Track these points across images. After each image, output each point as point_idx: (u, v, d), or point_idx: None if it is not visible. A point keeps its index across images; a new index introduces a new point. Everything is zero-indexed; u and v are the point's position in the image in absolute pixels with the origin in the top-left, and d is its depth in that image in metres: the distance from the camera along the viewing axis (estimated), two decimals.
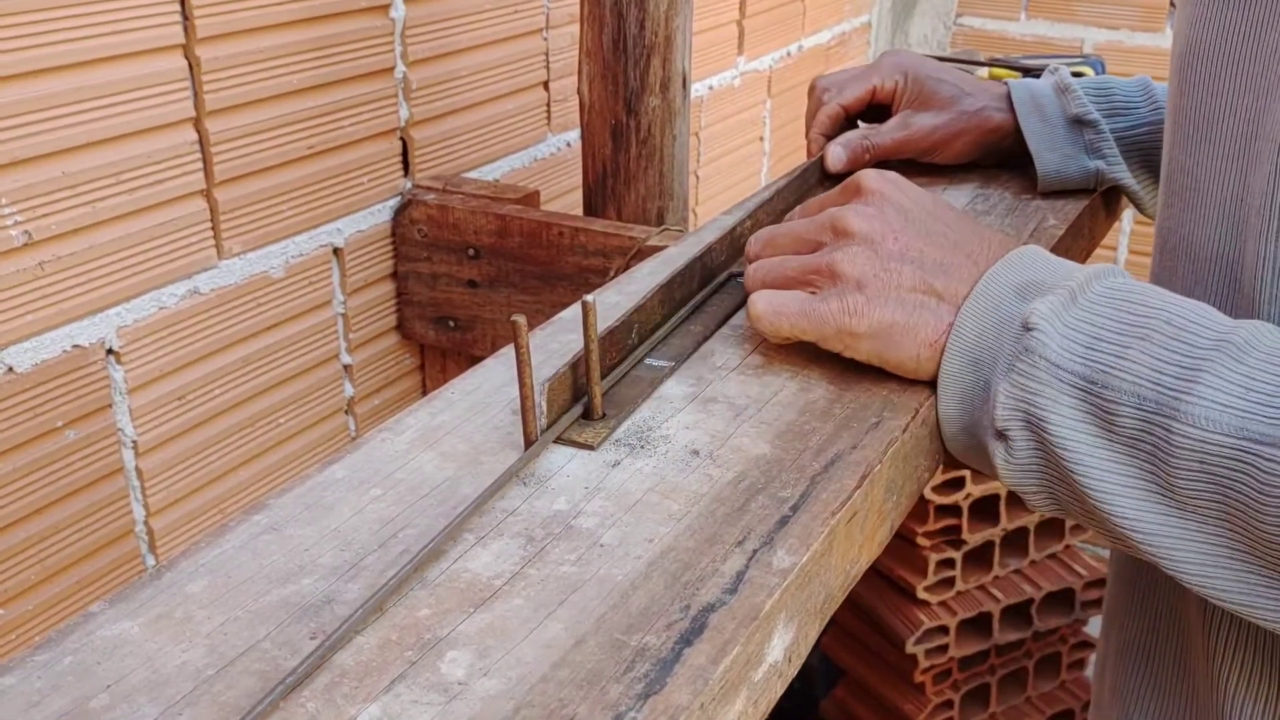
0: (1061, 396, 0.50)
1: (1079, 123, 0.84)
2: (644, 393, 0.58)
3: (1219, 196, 0.57)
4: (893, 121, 0.87)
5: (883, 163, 0.89)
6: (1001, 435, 0.52)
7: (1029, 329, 0.51)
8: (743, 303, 0.69)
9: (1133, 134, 0.85)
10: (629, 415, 0.56)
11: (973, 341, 0.54)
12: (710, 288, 0.70)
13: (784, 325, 0.58)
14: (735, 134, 1.72)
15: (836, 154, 0.86)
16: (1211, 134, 0.57)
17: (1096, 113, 0.84)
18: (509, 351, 0.63)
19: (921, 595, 1.72)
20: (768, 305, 0.58)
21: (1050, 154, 0.85)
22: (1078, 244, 0.87)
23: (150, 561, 0.91)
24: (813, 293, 0.58)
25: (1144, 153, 0.85)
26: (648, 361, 0.62)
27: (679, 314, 0.66)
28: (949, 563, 1.74)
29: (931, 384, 0.57)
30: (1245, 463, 0.45)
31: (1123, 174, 0.85)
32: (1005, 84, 0.88)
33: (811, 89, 0.90)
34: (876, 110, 0.89)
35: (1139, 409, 0.48)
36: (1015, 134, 0.86)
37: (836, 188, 0.63)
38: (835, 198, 0.62)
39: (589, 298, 0.53)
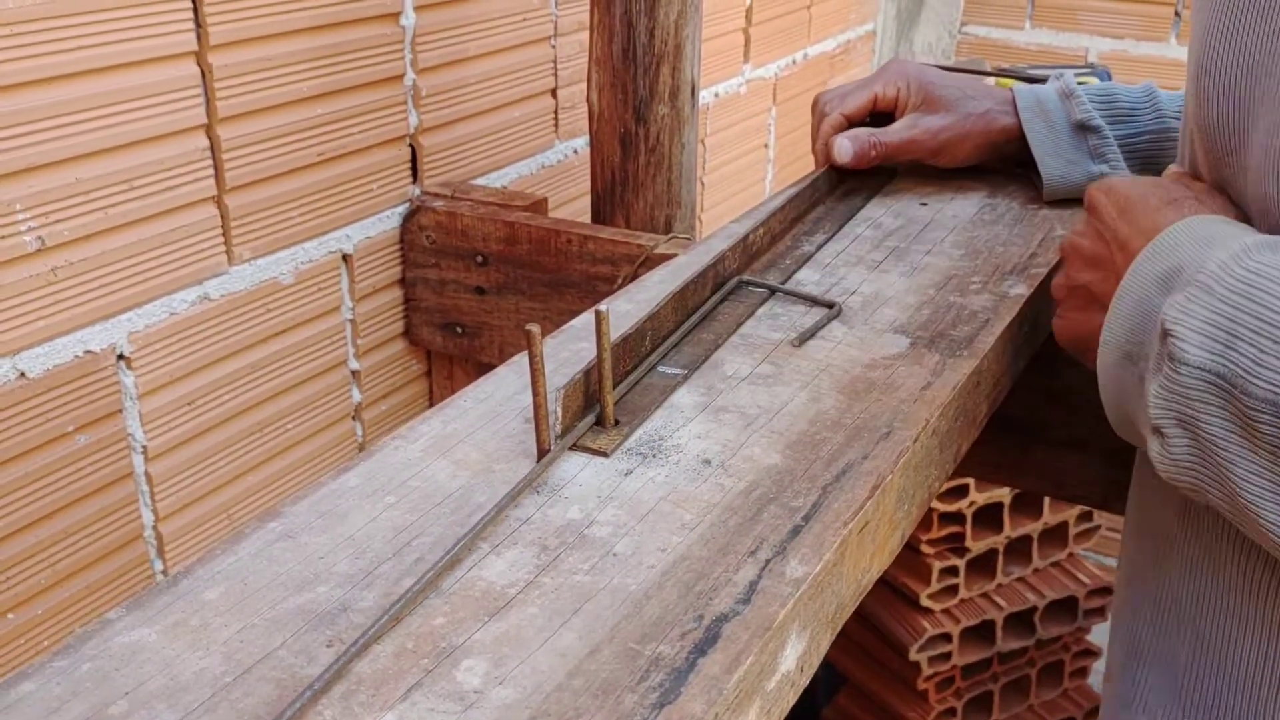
0: (1209, 398, 0.49)
1: (1083, 128, 0.85)
2: (656, 401, 0.59)
3: (1246, 206, 0.57)
4: (900, 122, 0.87)
5: (883, 169, 0.90)
6: (1157, 431, 0.52)
7: (1166, 334, 0.51)
8: (753, 311, 0.69)
9: (1136, 141, 0.86)
10: (641, 424, 0.57)
11: (1123, 337, 0.55)
12: (721, 295, 0.70)
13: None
14: (741, 141, 1.73)
15: (843, 146, 0.86)
16: (1235, 143, 0.57)
17: (1100, 119, 0.85)
18: (520, 360, 0.63)
19: (925, 602, 1.72)
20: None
21: (1054, 159, 0.85)
22: None
23: (158, 566, 0.91)
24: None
25: (1147, 159, 0.86)
26: (660, 369, 0.62)
27: (690, 321, 0.67)
28: (952, 570, 1.74)
29: None
30: None
31: (1123, 173, 0.85)
32: (1011, 89, 0.88)
33: (814, 105, 0.91)
34: (880, 119, 0.90)
35: (1276, 415, 0.47)
36: (1020, 138, 0.86)
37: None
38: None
39: (602, 307, 0.54)
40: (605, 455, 0.54)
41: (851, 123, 0.89)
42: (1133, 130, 0.86)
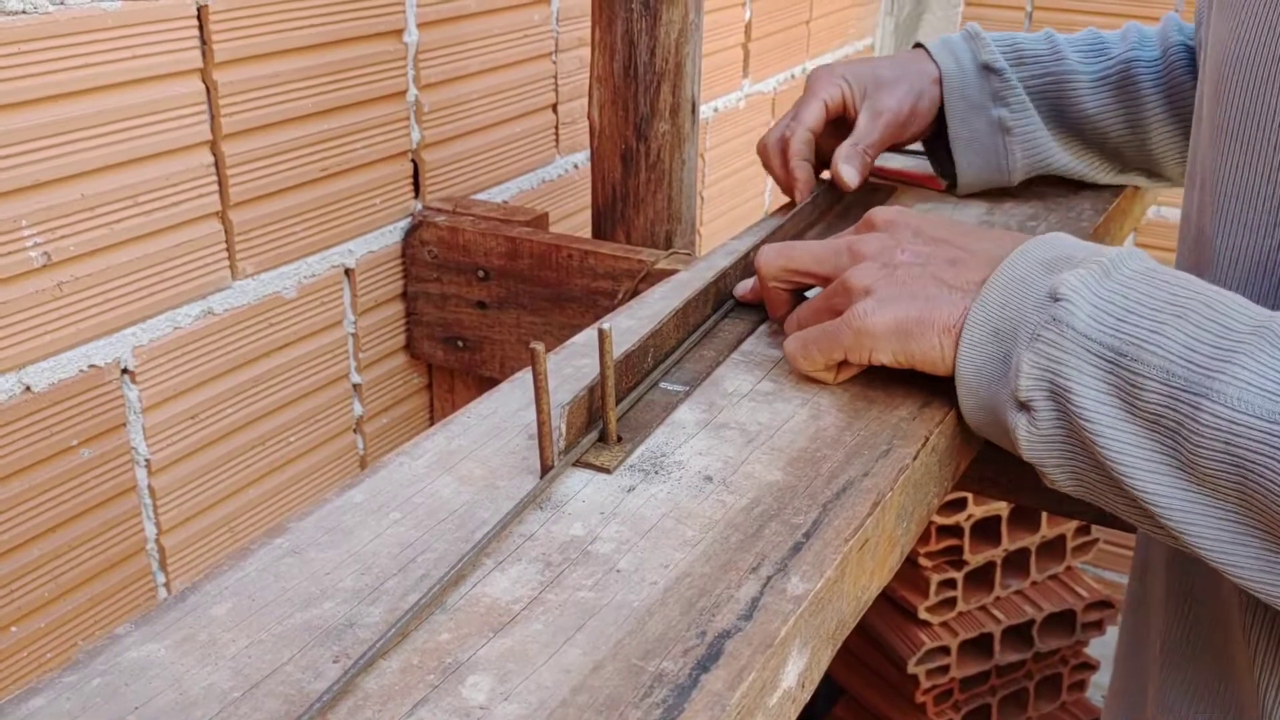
0: (1087, 367, 0.49)
1: (988, 70, 0.87)
2: (658, 417, 0.59)
3: (1265, 204, 0.56)
4: (863, 118, 0.86)
5: (881, 188, 0.91)
6: (1024, 406, 0.52)
7: (1057, 299, 0.51)
8: (754, 328, 0.70)
9: (1037, 82, 0.87)
10: (643, 440, 0.57)
11: (995, 312, 0.54)
12: (722, 312, 0.71)
13: (814, 354, 0.60)
14: (741, 155, 1.74)
15: (848, 173, 0.85)
16: (1257, 140, 0.57)
17: (1004, 60, 0.87)
18: (524, 376, 0.64)
19: (923, 615, 1.73)
20: (795, 343, 0.61)
21: (960, 102, 0.87)
22: None
23: (161, 579, 0.92)
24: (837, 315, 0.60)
25: (1050, 103, 0.88)
26: (662, 385, 0.62)
27: (692, 338, 0.67)
28: (950, 583, 1.74)
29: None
30: (1273, 446, 0.45)
31: (1029, 121, 0.87)
32: (920, 45, 0.90)
33: (762, 147, 0.89)
34: (837, 128, 0.88)
35: (1166, 384, 0.47)
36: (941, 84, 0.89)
37: (851, 227, 0.65)
38: (849, 230, 0.65)
39: (605, 325, 0.54)
40: (608, 472, 0.54)
41: (816, 135, 0.87)
42: (1034, 72, 0.88)
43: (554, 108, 1.25)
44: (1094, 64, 0.88)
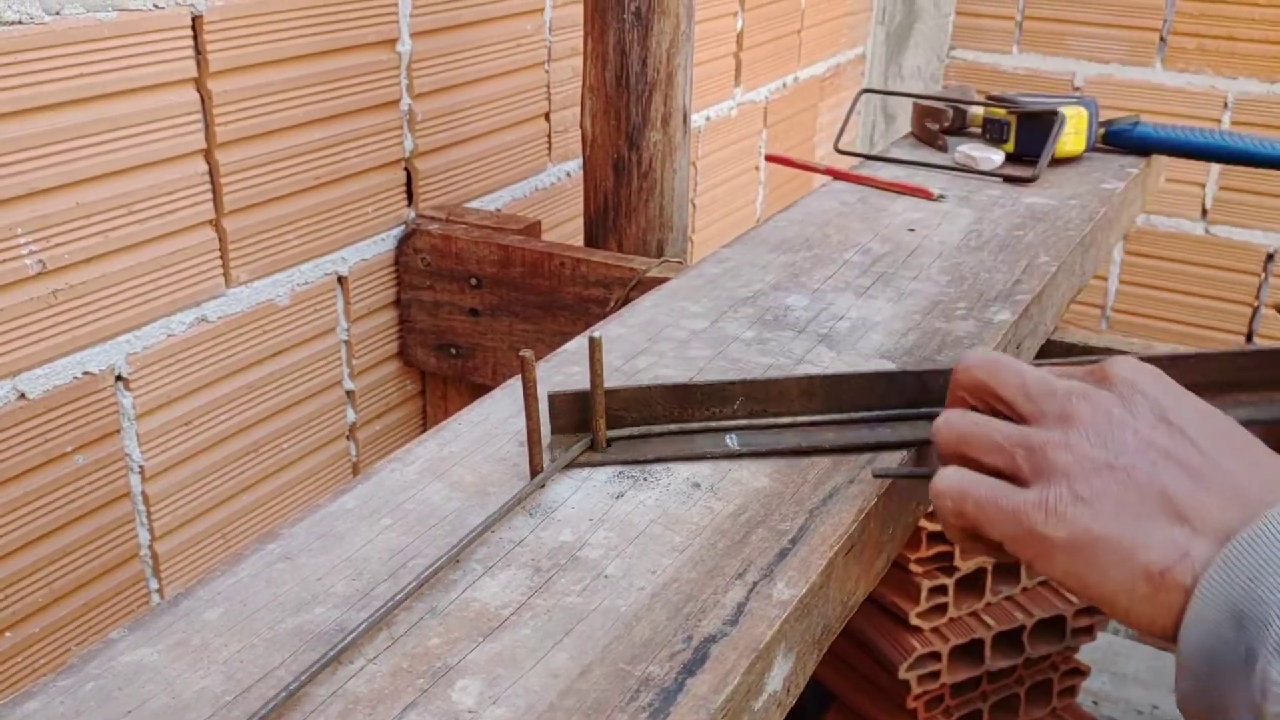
0: None
1: None
2: (674, 450, 0.57)
3: None
4: None
5: None
6: None
7: None
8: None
9: None
10: (634, 452, 0.58)
11: (1242, 589, 0.39)
12: (896, 413, 0.59)
13: (968, 506, 0.46)
14: (732, 163, 1.75)
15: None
16: None
17: None
18: (514, 383, 0.64)
19: (914, 621, 1.73)
20: (956, 482, 0.47)
21: None
22: (1068, 280, 0.89)
23: (154, 585, 0.92)
24: (1014, 476, 0.46)
25: None
26: (728, 439, 0.58)
27: (826, 416, 0.58)
28: (941, 589, 1.74)
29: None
30: None
31: None
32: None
33: None
34: None
35: None
36: None
37: (1083, 368, 0.49)
38: (1079, 371, 0.49)
39: (596, 333, 0.55)
40: (596, 476, 0.55)
41: None
42: None
43: (546, 116, 1.26)
44: None
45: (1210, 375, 0.59)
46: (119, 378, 0.85)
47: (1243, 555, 0.40)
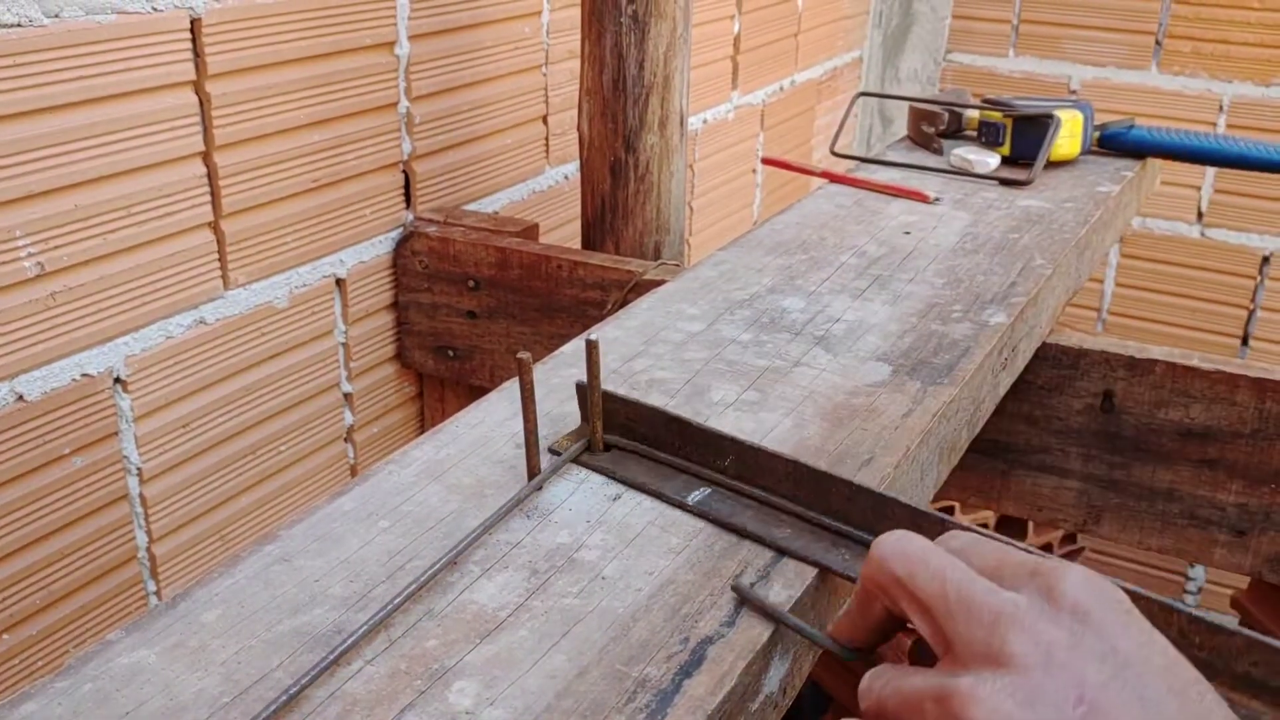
0: None
1: None
2: (646, 479, 0.55)
3: None
4: None
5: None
6: None
7: None
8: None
9: None
10: (629, 455, 0.58)
11: None
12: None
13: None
14: (730, 166, 1.75)
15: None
16: None
17: None
18: (511, 386, 0.65)
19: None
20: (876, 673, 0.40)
21: None
22: (1063, 283, 0.89)
23: (152, 587, 0.92)
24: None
25: None
26: (695, 493, 0.54)
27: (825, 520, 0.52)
28: None
29: None
30: None
31: None
32: None
33: None
34: None
35: None
36: None
37: (1029, 556, 0.40)
38: (1022, 575, 0.39)
39: (593, 335, 0.55)
40: (594, 478, 0.55)
41: None
42: None
43: (544, 119, 1.26)
44: None
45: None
46: (117, 380, 0.85)
47: None
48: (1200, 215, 2.05)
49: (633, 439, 0.57)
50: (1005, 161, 1.06)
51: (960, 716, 0.35)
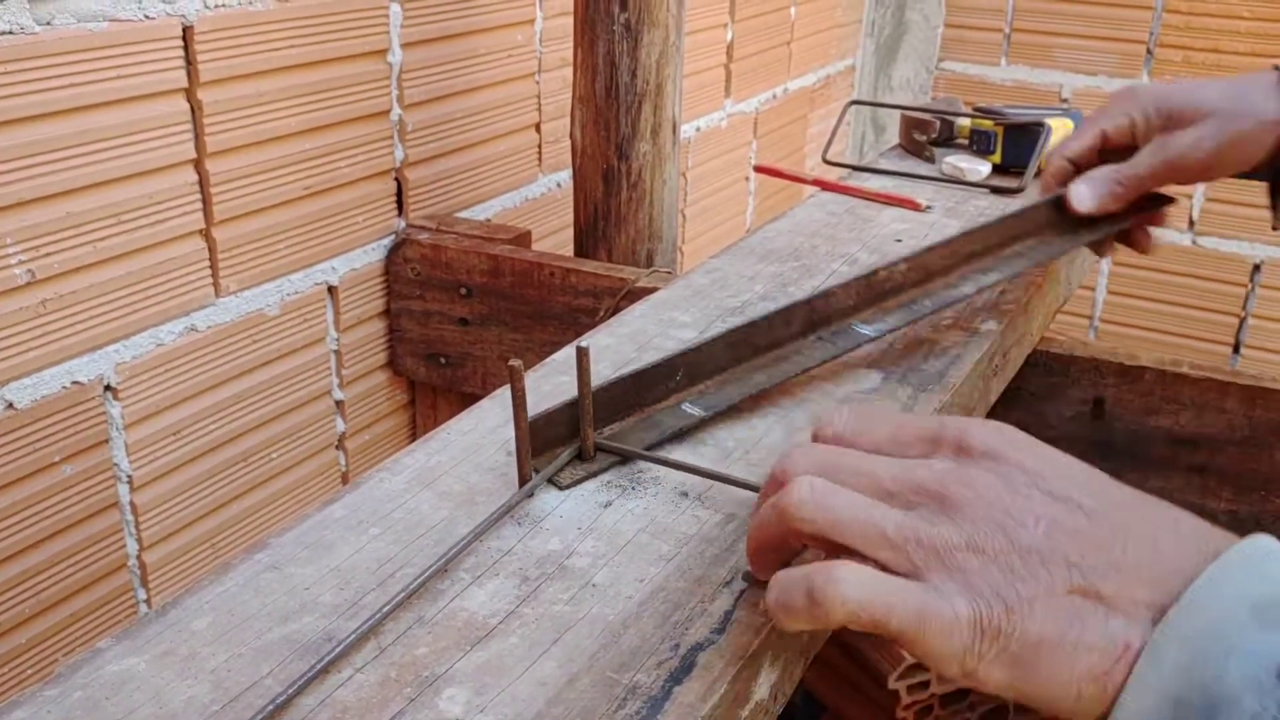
0: None
1: None
2: (650, 439, 0.59)
3: None
4: (1146, 149, 0.75)
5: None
6: None
7: None
8: (837, 355, 0.65)
9: None
10: (619, 460, 0.58)
11: (1179, 675, 0.36)
12: (818, 334, 0.65)
13: (891, 625, 0.38)
14: (722, 174, 1.75)
15: (1080, 192, 0.74)
16: None
17: None
18: (503, 393, 0.65)
19: None
20: (873, 594, 0.39)
21: None
22: (1054, 290, 0.89)
23: (142, 595, 0.92)
24: (908, 576, 0.40)
25: None
26: (684, 407, 0.61)
27: (758, 359, 0.63)
28: None
29: None
30: None
31: None
32: (1276, 69, 0.74)
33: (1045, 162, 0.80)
34: (1120, 156, 0.78)
35: None
36: None
37: (927, 428, 0.44)
38: (924, 442, 0.44)
39: (583, 343, 0.55)
40: (585, 487, 0.55)
41: (1078, 167, 0.78)
42: None
43: (537, 127, 1.26)
44: None
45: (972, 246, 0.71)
46: (107, 387, 0.85)
47: (1171, 640, 0.36)
48: (1192, 223, 2.06)
49: (600, 427, 0.58)
50: (996, 169, 1.06)
51: (955, 560, 0.39)
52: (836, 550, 0.41)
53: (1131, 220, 0.80)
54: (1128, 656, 0.37)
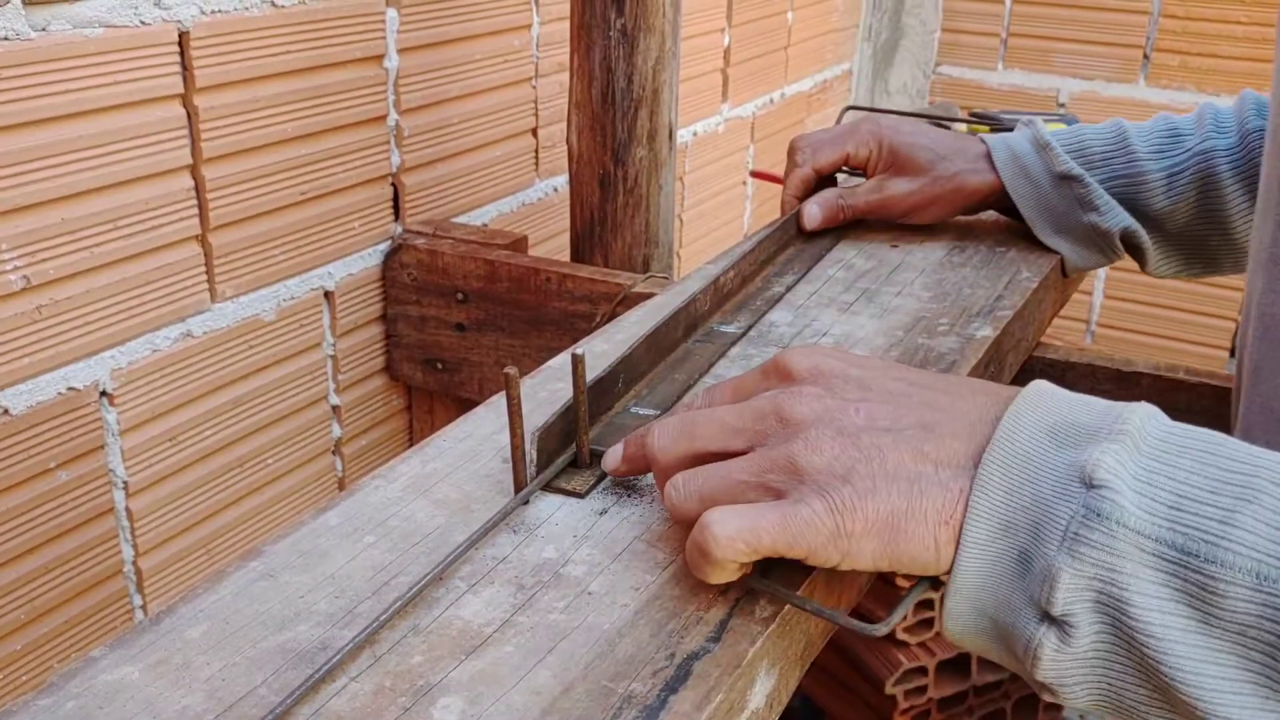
0: (1146, 572, 0.40)
1: (1065, 179, 0.85)
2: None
3: None
4: (868, 184, 0.89)
5: (855, 223, 0.91)
6: (1055, 621, 0.41)
7: (1093, 485, 0.40)
8: (724, 351, 0.71)
9: (1108, 186, 0.85)
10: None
11: (1002, 500, 0.43)
12: (695, 338, 0.72)
13: (764, 541, 0.44)
14: (719, 178, 1.75)
15: (812, 213, 0.88)
16: None
17: (1078, 167, 0.84)
18: (499, 399, 0.64)
19: (901, 636, 1.73)
20: (739, 524, 0.45)
21: (1043, 219, 0.86)
22: (1050, 295, 0.89)
23: (138, 601, 0.92)
24: (776, 499, 0.46)
25: (1127, 204, 0.85)
26: (633, 409, 0.63)
27: (665, 362, 0.68)
28: (928, 603, 1.75)
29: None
30: None
31: (1124, 220, 0.84)
32: (983, 141, 0.88)
33: (791, 149, 0.92)
34: (854, 170, 0.92)
35: (1258, 590, 0.38)
36: (999, 194, 0.87)
37: (755, 370, 0.52)
38: (758, 381, 0.51)
39: (578, 350, 0.55)
40: (580, 495, 0.55)
41: (820, 176, 0.91)
42: (1105, 176, 0.85)
43: (534, 132, 1.26)
44: (1166, 158, 0.85)
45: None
46: (103, 393, 0.85)
47: (992, 471, 0.43)
48: None
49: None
50: None
51: (805, 465, 0.45)
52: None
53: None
54: (963, 498, 0.43)
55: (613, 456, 0.54)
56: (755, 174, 1.17)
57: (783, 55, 1.86)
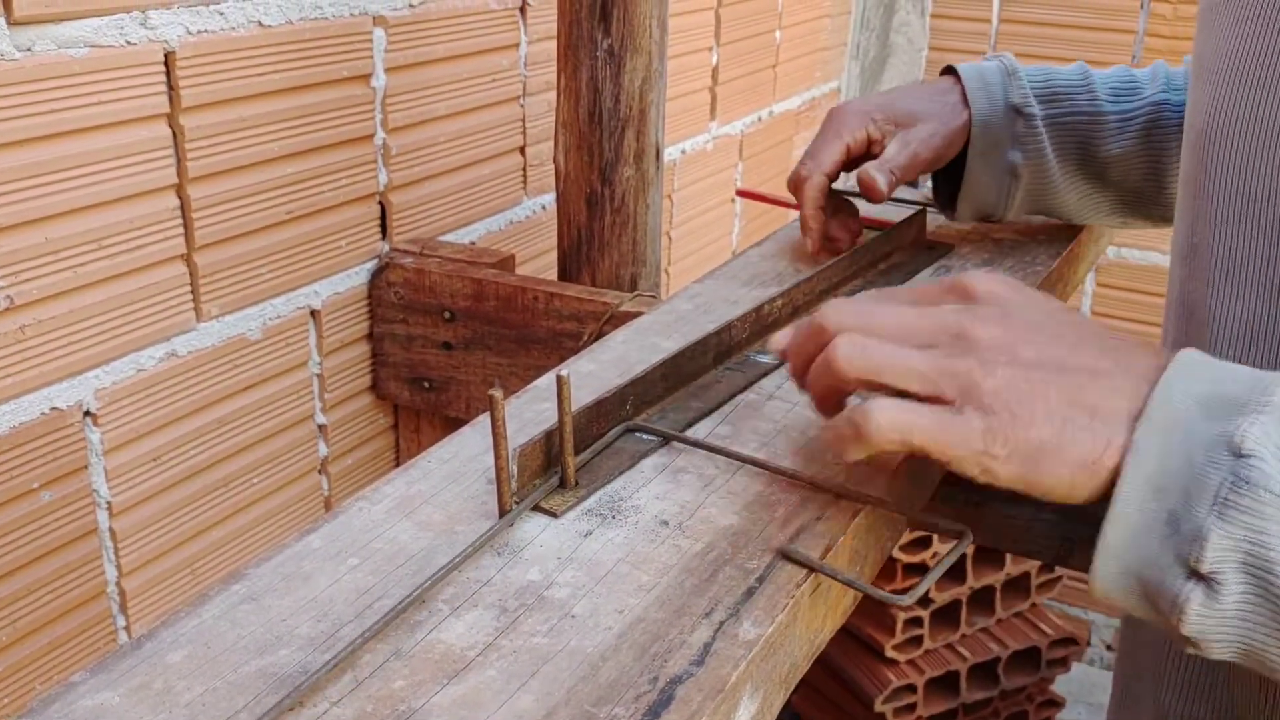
0: None
1: (1016, 111, 0.87)
2: (623, 465, 0.60)
3: (1261, 274, 0.58)
4: (892, 146, 0.87)
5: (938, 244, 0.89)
6: (1204, 578, 0.44)
7: (1241, 454, 0.44)
8: (752, 383, 0.69)
9: (1067, 120, 0.88)
10: (601, 486, 0.58)
11: (1155, 464, 0.46)
12: (727, 365, 0.71)
13: (915, 438, 0.49)
14: (708, 196, 1.76)
15: (882, 180, 0.84)
16: (1249, 213, 0.58)
17: (1035, 102, 0.87)
18: (485, 420, 0.64)
19: (890, 654, 1.73)
20: (901, 417, 0.49)
21: (981, 143, 0.87)
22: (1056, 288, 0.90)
23: (121, 623, 0.91)
24: (937, 402, 0.50)
25: (1079, 141, 0.88)
26: (640, 436, 0.63)
27: (686, 389, 0.68)
28: (917, 621, 1.75)
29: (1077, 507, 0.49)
30: None
31: (1041, 166, 0.87)
32: (951, 69, 0.90)
33: (793, 176, 0.90)
34: (853, 165, 0.90)
35: None
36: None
37: (937, 284, 0.55)
38: (938, 293, 0.54)
39: (563, 371, 0.55)
40: (555, 515, 0.55)
41: (832, 179, 0.89)
42: (1066, 110, 0.88)
43: (522, 150, 1.26)
44: (1123, 103, 0.88)
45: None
46: (87, 413, 0.84)
47: (1148, 437, 0.46)
48: None
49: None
50: None
51: (975, 382, 0.48)
52: (878, 389, 0.51)
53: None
54: (1112, 450, 0.47)
55: (782, 335, 0.59)
56: (741, 193, 1.18)
57: (771, 74, 1.87)
